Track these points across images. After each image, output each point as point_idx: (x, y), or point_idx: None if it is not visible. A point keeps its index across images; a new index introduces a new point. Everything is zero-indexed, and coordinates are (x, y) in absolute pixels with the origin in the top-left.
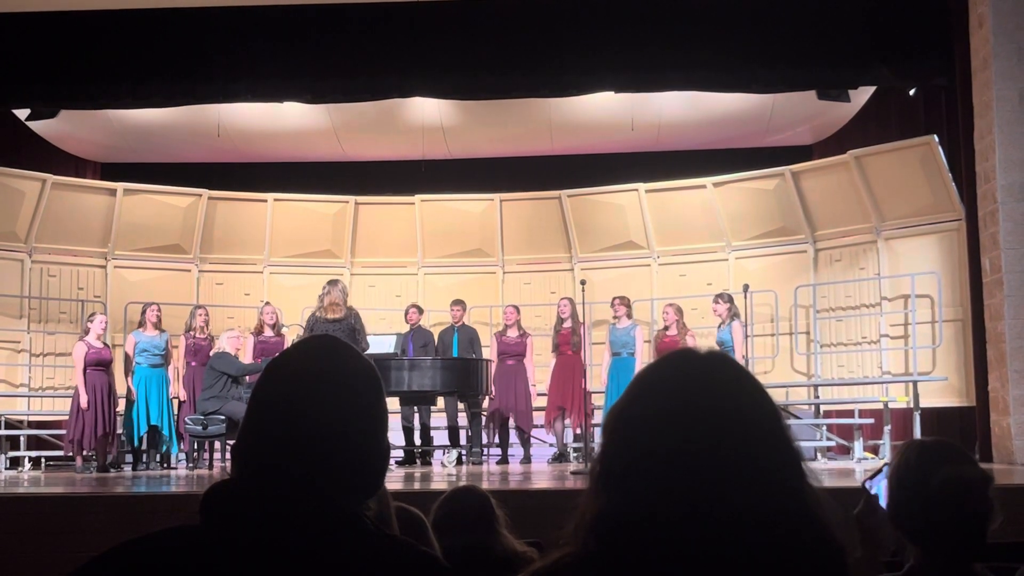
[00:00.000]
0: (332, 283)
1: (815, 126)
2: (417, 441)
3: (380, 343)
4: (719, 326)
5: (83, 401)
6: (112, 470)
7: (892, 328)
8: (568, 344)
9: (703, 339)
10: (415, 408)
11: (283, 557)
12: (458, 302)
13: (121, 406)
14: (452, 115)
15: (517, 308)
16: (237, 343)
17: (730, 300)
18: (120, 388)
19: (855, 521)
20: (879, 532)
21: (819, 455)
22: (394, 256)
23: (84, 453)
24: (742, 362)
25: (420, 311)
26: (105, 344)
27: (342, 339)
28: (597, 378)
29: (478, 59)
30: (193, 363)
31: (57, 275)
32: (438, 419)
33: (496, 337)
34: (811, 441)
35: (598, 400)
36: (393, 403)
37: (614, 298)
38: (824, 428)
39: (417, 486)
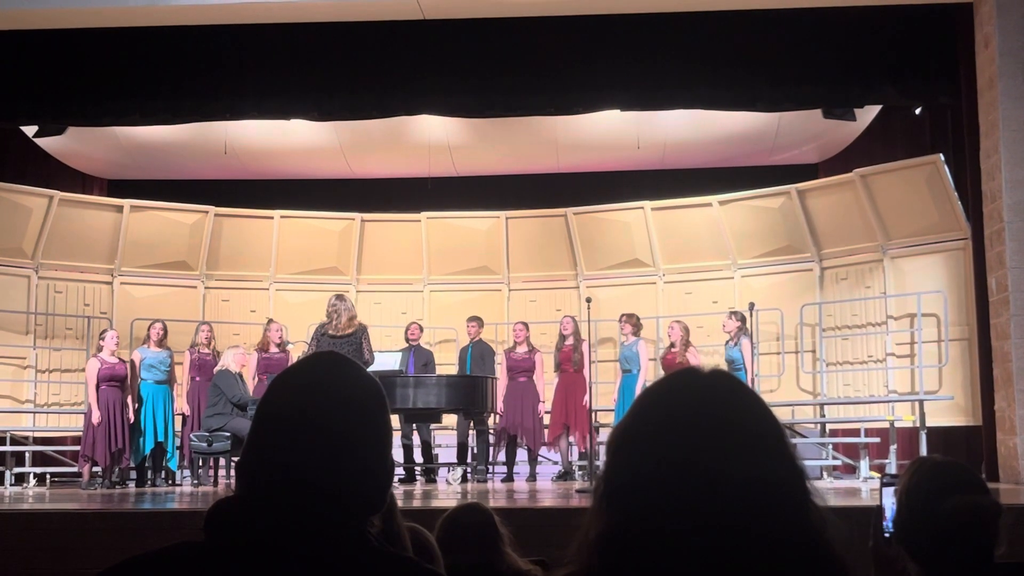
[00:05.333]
0: (340, 298)
1: (821, 145)
2: (418, 458)
3: (385, 360)
4: (727, 343)
5: (95, 417)
6: (118, 486)
7: (898, 347)
8: (569, 362)
9: (708, 357)
10: (414, 425)
11: (287, 573)
12: (474, 319)
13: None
14: (458, 133)
15: (526, 325)
16: (242, 360)
17: (742, 318)
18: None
19: (871, 552)
20: (895, 562)
21: (825, 474)
22: (400, 273)
23: (96, 469)
24: (752, 380)
25: (421, 329)
26: (120, 360)
27: (348, 355)
28: (605, 396)
29: (484, 77)
30: (197, 379)
31: (63, 291)
32: (441, 436)
33: (506, 354)
34: (817, 460)
35: (604, 418)
36: (395, 420)
37: (621, 315)
38: (830, 447)
39: (421, 504)
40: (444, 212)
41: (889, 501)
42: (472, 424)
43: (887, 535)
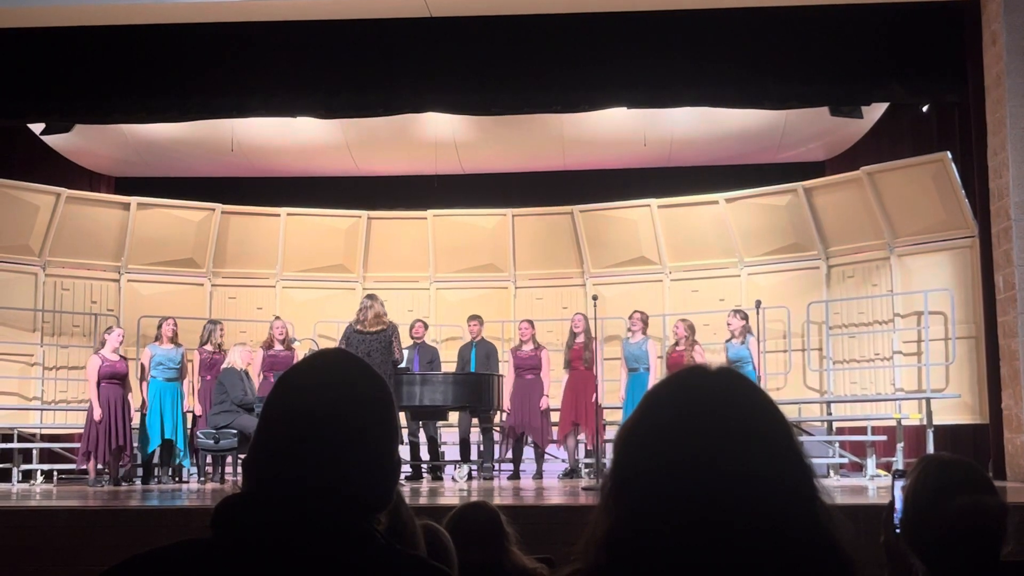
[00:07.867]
0: (372, 297)
1: (828, 142)
2: (425, 456)
3: None
4: (728, 340)
5: (96, 414)
6: (124, 483)
7: (905, 345)
8: (580, 359)
9: (714, 355)
10: (420, 422)
11: (293, 570)
12: (475, 317)
13: (136, 419)
14: (465, 130)
15: (532, 323)
16: (248, 358)
17: (746, 317)
18: (135, 401)
19: (883, 547)
20: (907, 559)
21: (831, 472)
22: (406, 271)
23: (98, 466)
24: (761, 378)
25: (425, 326)
26: (121, 357)
27: (377, 351)
28: (613, 393)
29: (491, 75)
30: (208, 377)
31: (71, 289)
32: (448, 434)
33: (512, 352)
34: (823, 458)
35: (612, 416)
36: (402, 418)
37: (634, 312)
38: (836, 445)
39: (427, 501)
40: (450, 210)
41: (900, 495)
42: (478, 421)
43: (899, 530)
